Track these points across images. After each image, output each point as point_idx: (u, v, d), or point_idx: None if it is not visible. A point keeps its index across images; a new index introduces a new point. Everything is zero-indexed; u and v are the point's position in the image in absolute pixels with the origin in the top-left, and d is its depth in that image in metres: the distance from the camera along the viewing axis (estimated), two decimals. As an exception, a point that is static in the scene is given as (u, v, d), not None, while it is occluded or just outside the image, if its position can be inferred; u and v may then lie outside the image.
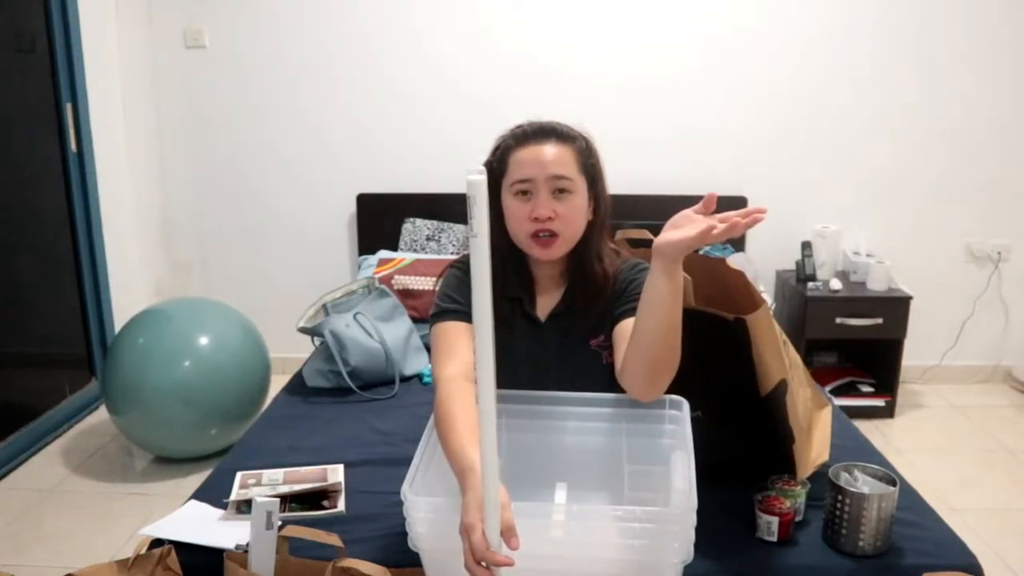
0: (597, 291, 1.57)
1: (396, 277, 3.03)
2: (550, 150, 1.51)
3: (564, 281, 1.62)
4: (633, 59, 3.41)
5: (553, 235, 1.50)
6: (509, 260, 1.58)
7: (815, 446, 1.70)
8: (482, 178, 0.98)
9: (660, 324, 1.32)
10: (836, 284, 3.27)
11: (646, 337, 1.34)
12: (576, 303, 1.59)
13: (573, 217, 1.52)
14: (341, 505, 1.73)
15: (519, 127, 1.58)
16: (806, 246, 3.36)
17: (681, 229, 1.26)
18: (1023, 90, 3.38)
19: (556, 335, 1.59)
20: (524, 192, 1.51)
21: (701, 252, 1.77)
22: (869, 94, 3.41)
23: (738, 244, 3.44)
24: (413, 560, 1.32)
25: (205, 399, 2.70)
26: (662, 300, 1.30)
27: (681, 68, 3.41)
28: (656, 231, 1.58)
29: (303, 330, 2.61)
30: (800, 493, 1.57)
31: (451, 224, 3.40)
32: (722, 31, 3.38)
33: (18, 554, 2.38)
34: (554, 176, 1.49)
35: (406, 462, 1.28)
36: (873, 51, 3.37)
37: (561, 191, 1.50)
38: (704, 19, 3.37)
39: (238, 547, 1.47)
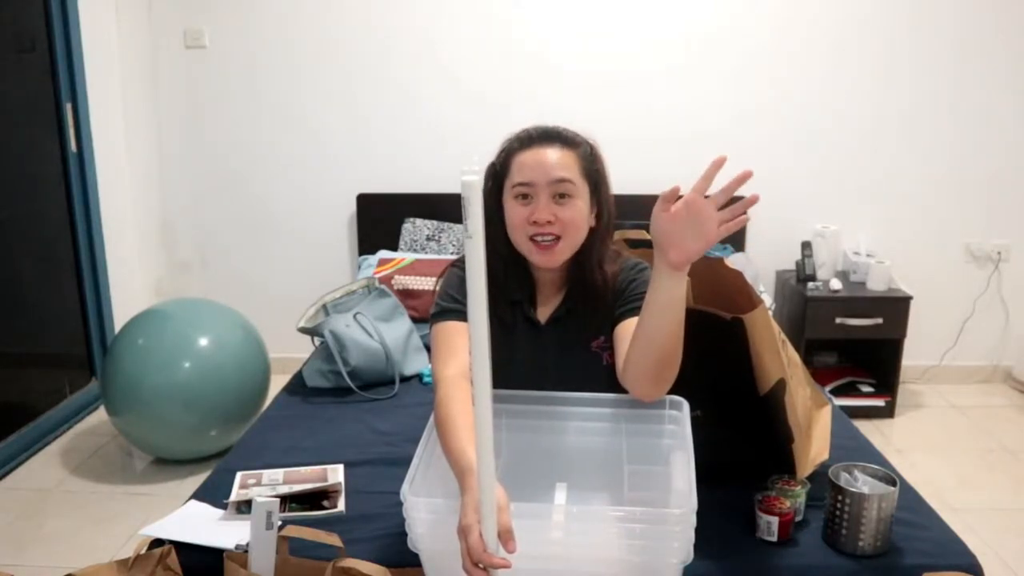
0: (597, 296, 1.57)
1: (396, 277, 3.04)
2: (553, 154, 1.50)
3: (565, 284, 1.61)
4: (633, 59, 3.41)
5: (556, 239, 1.50)
6: (510, 263, 1.58)
7: (814, 445, 1.70)
8: (477, 179, 0.98)
9: (669, 326, 1.31)
10: (836, 284, 3.27)
11: (655, 339, 1.33)
12: (576, 306, 1.59)
13: (574, 221, 1.50)
14: (341, 505, 1.73)
15: (524, 131, 1.57)
16: (806, 246, 3.37)
17: (693, 240, 1.23)
18: (1022, 90, 3.39)
19: (556, 338, 1.59)
20: (524, 195, 1.50)
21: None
22: (869, 94, 3.41)
23: (738, 244, 3.44)
24: (413, 560, 1.32)
25: (205, 399, 2.70)
26: (670, 303, 1.29)
27: (681, 68, 3.42)
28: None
29: (303, 330, 2.61)
30: (800, 493, 1.56)
31: (451, 224, 3.40)
32: (722, 31, 3.38)
33: (18, 554, 2.39)
34: (555, 180, 1.49)
35: (406, 462, 1.28)
36: (873, 51, 3.37)
37: (562, 195, 1.49)
38: (705, 19, 3.37)
39: (238, 547, 1.47)
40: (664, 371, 1.36)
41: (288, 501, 1.71)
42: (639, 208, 3.14)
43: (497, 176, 1.55)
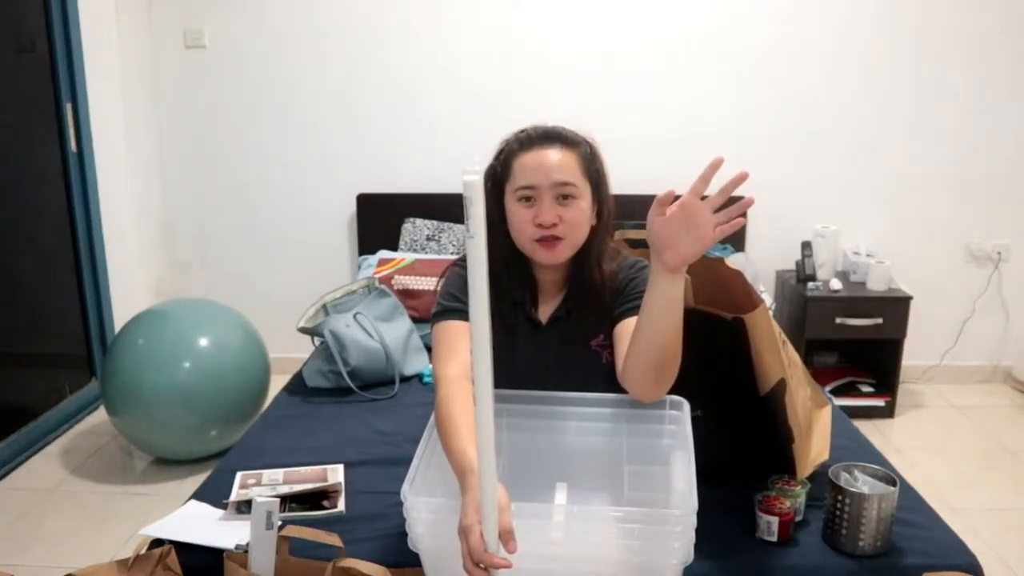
0: (597, 295, 1.57)
1: (396, 277, 3.03)
2: (554, 155, 1.50)
3: (565, 284, 1.61)
4: (633, 60, 3.41)
5: (557, 238, 1.50)
6: (512, 263, 1.58)
7: (815, 445, 1.70)
8: (478, 178, 0.98)
9: (667, 328, 1.31)
10: (836, 284, 3.27)
11: (653, 341, 1.33)
12: (576, 306, 1.59)
13: (577, 222, 1.51)
14: (341, 505, 1.73)
15: (523, 131, 1.57)
16: (806, 246, 3.37)
17: (689, 243, 1.22)
18: (1022, 90, 3.39)
19: (557, 337, 1.59)
20: (528, 198, 1.50)
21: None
22: (870, 94, 3.41)
23: (738, 244, 3.44)
24: (413, 560, 1.32)
25: (205, 400, 2.70)
26: (668, 306, 1.29)
27: (681, 68, 3.41)
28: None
29: (303, 330, 2.61)
30: (800, 493, 1.57)
31: (451, 224, 3.40)
32: (722, 31, 3.38)
33: (18, 554, 2.39)
34: (558, 182, 1.49)
35: (406, 462, 1.28)
36: (874, 51, 3.37)
37: (565, 196, 1.50)
38: (705, 19, 3.37)
39: (238, 547, 1.47)
40: (664, 372, 1.36)
41: (288, 501, 1.71)
42: (639, 208, 3.16)
43: (497, 178, 1.55)
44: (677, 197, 1.24)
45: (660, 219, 1.23)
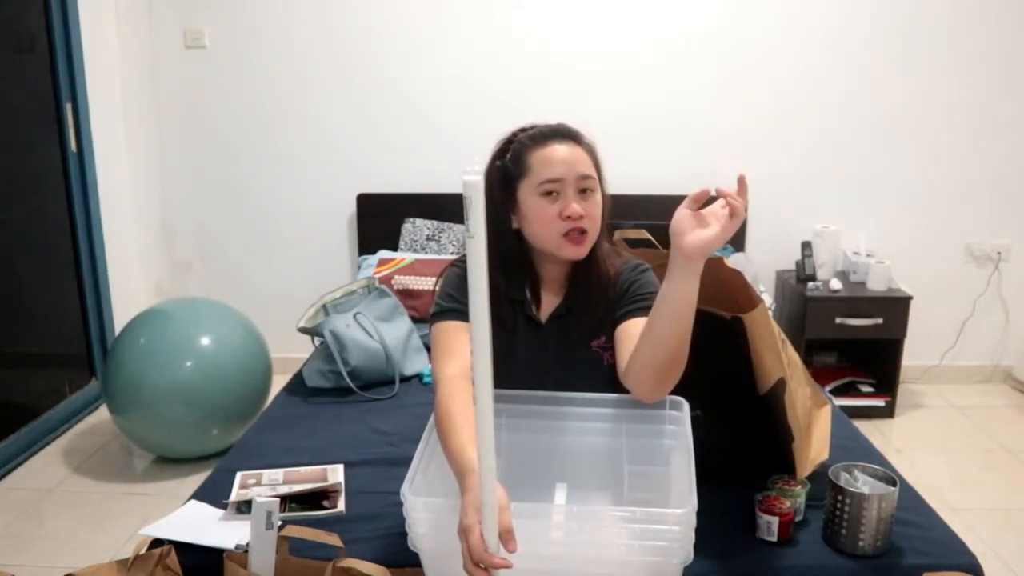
0: (599, 293, 1.57)
1: (396, 277, 3.04)
2: (572, 151, 1.52)
3: (566, 283, 1.61)
4: (633, 59, 3.41)
5: (583, 232, 1.51)
6: (512, 262, 1.58)
7: (814, 445, 1.70)
8: (478, 178, 0.98)
9: (677, 328, 1.31)
10: (836, 284, 3.27)
11: (663, 339, 1.33)
12: (577, 305, 1.59)
13: (597, 216, 1.53)
14: (341, 505, 1.73)
15: (531, 128, 1.58)
16: (806, 246, 3.37)
17: (703, 229, 1.26)
18: (1022, 90, 3.39)
19: (557, 337, 1.59)
20: (552, 192, 1.50)
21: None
22: (870, 94, 3.41)
23: (738, 244, 3.44)
24: (413, 560, 1.32)
25: (206, 399, 2.70)
26: (681, 304, 1.30)
27: (682, 68, 3.41)
28: (654, 231, 1.57)
29: (303, 330, 2.61)
30: (800, 493, 1.57)
31: (451, 224, 3.40)
32: (723, 31, 3.38)
33: (18, 554, 2.39)
34: (582, 175, 1.51)
35: (406, 462, 1.28)
36: (874, 51, 3.37)
37: (587, 190, 1.51)
38: (705, 18, 3.37)
39: (238, 547, 1.47)
40: (668, 373, 1.36)
41: (288, 501, 1.71)
42: (638, 207, 3.16)
43: (507, 174, 1.55)
44: (712, 199, 1.27)
45: (685, 211, 1.27)
